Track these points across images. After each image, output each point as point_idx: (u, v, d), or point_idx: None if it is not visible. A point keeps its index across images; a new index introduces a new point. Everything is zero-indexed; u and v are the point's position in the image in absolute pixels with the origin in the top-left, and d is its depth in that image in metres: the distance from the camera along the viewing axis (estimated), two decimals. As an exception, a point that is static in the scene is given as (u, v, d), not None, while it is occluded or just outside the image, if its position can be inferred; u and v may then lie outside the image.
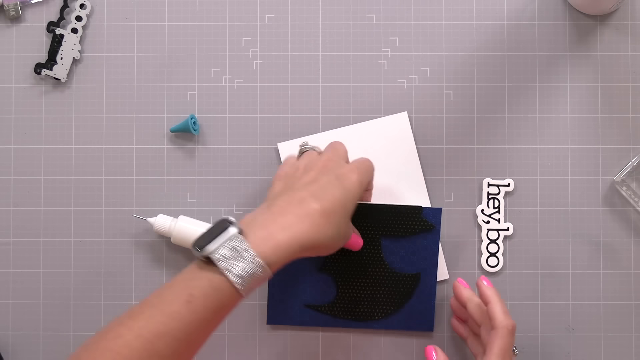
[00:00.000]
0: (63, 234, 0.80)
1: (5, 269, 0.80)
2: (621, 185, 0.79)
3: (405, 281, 0.75)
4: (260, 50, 0.81)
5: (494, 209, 0.79)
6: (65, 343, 0.79)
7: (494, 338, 0.67)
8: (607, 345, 0.78)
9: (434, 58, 0.80)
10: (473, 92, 0.80)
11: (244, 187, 0.80)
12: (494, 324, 0.67)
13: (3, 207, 0.80)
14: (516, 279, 0.79)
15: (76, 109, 0.81)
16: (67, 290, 0.79)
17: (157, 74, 0.81)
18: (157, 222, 0.77)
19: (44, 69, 0.80)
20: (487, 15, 0.81)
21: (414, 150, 0.79)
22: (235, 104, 0.80)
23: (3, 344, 0.79)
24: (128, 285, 0.79)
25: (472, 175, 0.80)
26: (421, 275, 0.75)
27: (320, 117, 0.80)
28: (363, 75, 0.80)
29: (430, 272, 0.75)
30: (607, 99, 0.80)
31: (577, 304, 0.79)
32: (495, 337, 0.67)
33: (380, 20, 0.81)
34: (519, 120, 0.80)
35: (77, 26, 0.80)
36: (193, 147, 0.80)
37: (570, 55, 0.80)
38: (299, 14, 0.81)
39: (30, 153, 0.80)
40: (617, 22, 0.80)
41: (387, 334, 0.78)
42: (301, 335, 0.79)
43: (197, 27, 0.81)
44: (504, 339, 0.66)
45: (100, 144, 0.80)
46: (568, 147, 0.80)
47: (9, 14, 0.80)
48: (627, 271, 0.79)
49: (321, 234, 0.62)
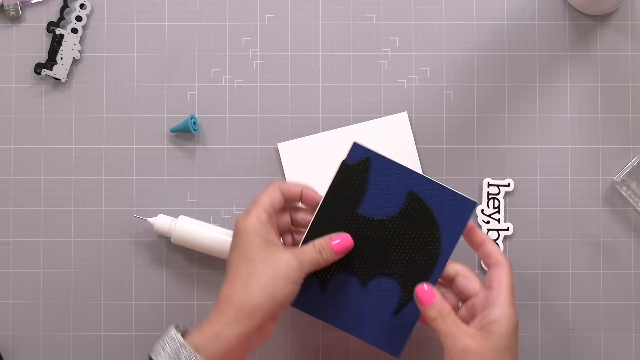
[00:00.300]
0: (63, 234, 0.80)
1: (5, 269, 0.80)
2: (621, 185, 0.79)
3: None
4: (260, 50, 0.81)
5: (494, 209, 0.79)
6: (65, 343, 0.79)
7: (500, 273, 0.66)
8: (607, 345, 0.78)
9: (434, 58, 0.80)
10: (473, 92, 0.80)
11: (244, 187, 0.80)
12: (496, 260, 0.66)
13: (3, 207, 0.80)
14: (516, 279, 0.78)
15: (76, 109, 0.81)
16: (67, 290, 0.79)
17: (157, 74, 0.81)
18: (157, 222, 0.77)
19: (44, 69, 0.80)
20: (487, 15, 0.81)
21: (414, 150, 0.79)
22: (235, 104, 0.80)
23: (3, 344, 0.79)
24: (128, 285, 0.79)
25: (472, 175, 0.80)
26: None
27: (320, 117, 0.80)
28: (363, 75, 0.80)
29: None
30: (607, 99, 0.80)
31: (577, 304, 0.79)
32: (501, 272, 0.66)
33: (380, 20, 0.81)
34: (519, 120, 0.80)
35: (77, 26, 0.80)
36: (193, 147, 0.80)
37: (570, 55, 0.80)
38: (299, 14, 0.81)
39: (30, 153, 0.80)
40: (617, 22, 0.80)
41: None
42: (301, 336, 0.79)
43: (197, 27, 0.81)
44: (509, 272, 0.66)
45: (100, 144, 0.80)
46: (568, 147, 0.80)
47: (9, 14, 0.80)
48: (627, 271, 0.79)
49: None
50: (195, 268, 0.79)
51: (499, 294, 0.65)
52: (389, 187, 0.69)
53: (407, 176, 0.69)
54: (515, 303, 0.65)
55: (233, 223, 0.79)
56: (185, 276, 0.79)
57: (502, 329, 0.63)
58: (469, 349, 0.62)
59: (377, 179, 0.69)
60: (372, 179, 0.69)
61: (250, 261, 0.64)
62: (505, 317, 0.63)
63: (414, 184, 0.69)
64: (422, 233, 0.68)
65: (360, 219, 0.69)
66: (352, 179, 0.69)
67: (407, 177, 0.69)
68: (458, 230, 0.68)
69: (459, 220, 0.68)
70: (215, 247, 0.76)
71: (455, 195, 0.68)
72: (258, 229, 0.65)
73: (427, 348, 0.78)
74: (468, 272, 0.68)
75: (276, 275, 0.64)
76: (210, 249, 0.77)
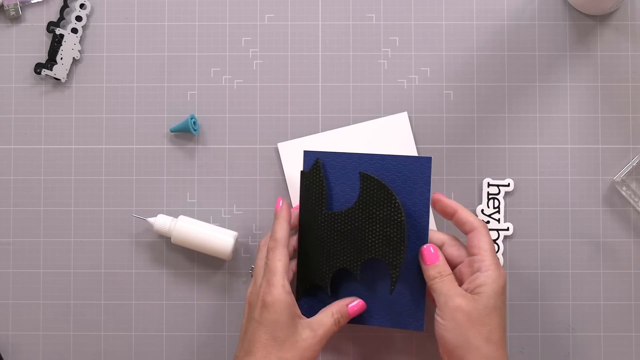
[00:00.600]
0: (63, 234, 0.80)
1: (5, 269, 0.80)
2: (621, 185, 0.79)
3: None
4: (260, 50, 0.81)
5: (494, 209, 0.79)
6: (65, 343, 0.79)
7: (478, 237, 0.69)
8: (607, 345, 0.78)
9: (434, 58, 0.80)
10: (473, 92, 0.80)
11: (244, 187, 0.80)
12: (472, 226, 0.69)
13: (3, 207, 0.80)
14: (516, 279, 0.79)
15: (76, 109, 0.81)
16: (67, 290, 0.79)
17: (157, 74, 0.81)
18: (157, 222, 0.77)
19: (44, 69, 0.80)
20: (487, 15, 0.81)
21: (414, 150, 0.79)
22: (235, 104, 0.80)
23: (3, 344, 0.79)
24: (128, 285, 0.79)
25: (472, 175, 0.80)
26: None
27: (320, 117, 0.80)
28: (363, 75, 0.80)
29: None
30: (607, 99, 0.80)
31: (577, 304, 0.79)
32: (480, 236, 0.69)
33: (380, 20, 0.81)
34: (519, 120, 0.80)
35: (77, 26, 0.80)
36: (193, 147, 0.80)
37: (570, 55, 0.80)
38: (299, 14, 0.81)
39: (30, 153, 0.80)
40: (617, 22, 0.80)
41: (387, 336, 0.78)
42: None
43: (197, 27, 0.81)
44: (487, 235, 0.69)
45: (100, 144, 0.80)
46: (568, 147, 0.80)
47: (9, 14, 0.80)
48: (627, 271, 0.79)
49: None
50: (195, 268, 0.79)
51: (482, 258, 0.68)
52: (348, 177, 0.72)
53: (359, 161, 0.72)
54: (499, 263, 0.68)
55: (233, 223, 0.79)
56: (185, 276, 0.79)
57: (489, 291, 0.66)
58: (459, 308, 0.66)
59: (333, 175, 0.73)
60: (329, 177, 0.73)
61: (279, 343, 0.66)
62: (491, 279, 0.67)
63: (366, 166, 0.72)
64: (383, 207, 0.70)
65: (331, 216, 0.72)
66: (312, 184, 0.72)
67: (359, 161, 0.72)
68: (425, 189, 0.71)
69: (422, 179, 0.71)
70: (215, 247, 0.76)
71: (408, 159, 0.71)
72: (286, 304, 0.67)
73: (426, 348, 0.78)
74: (453, 241, 0.72)
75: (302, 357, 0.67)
76: (210, 249, 0.77)
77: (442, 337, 0.66)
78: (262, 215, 0.79)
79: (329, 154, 0.73)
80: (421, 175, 0.71)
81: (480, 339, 0.65)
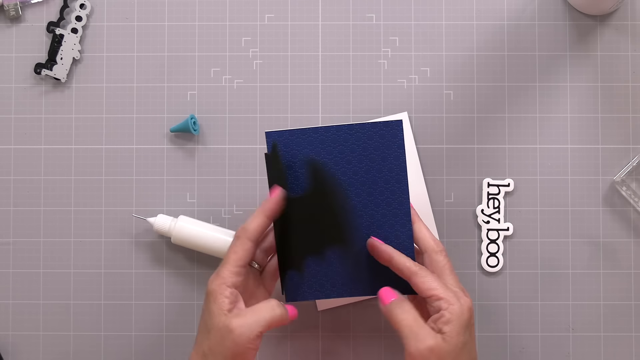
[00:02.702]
0: (63, 234, 0.80)
1: (5, 269, 0.80)
2: (621, 185, 0.79)
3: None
4: (260, 50, 0.81)
5: (494, 209, 0.79)
6: (65, 343, 0.79)
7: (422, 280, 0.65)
8: (607, 345, 0.78)
9: (434, 58, 0.80)
10: (473, 92, 0.80)
11: (244, 187, 0.80)
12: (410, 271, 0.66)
13: (3, 207, 0.80)
14: (516, 279, 0.79)
15: (76, 109, 0.81)
16: (67, 290, 0.79)
17: (157, 74, 0.81)
18: (157, 222, 0.77)
19: (44, 69, 0.80)
20: (487, 15, 0.81)
21: (414, 150, 0.79)
22: (235, 104, 0.80)
23: (3, 344, 0.79)
24: (128, 285, 0.79)
25: (472, 175, 0.80)
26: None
27: (320, 117, 0.80)
28: (363, 75, 0.80)
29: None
30: (607, 99, 0.80)
31: (577, 304, 0.79)
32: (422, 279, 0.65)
33: (380, 20, 0.81)
34: (519, 120, 0.80)
35: (77, 26, 0.80)
36: (193, 147, 0.80)
37: (570, 55, 0.80)
38: (299, 14, 0.81)
39: (30, 153, 0.80)
40: (617, 22, 0.80)
41: (386, 336, 0.78)
42: (301, 336, 0.79)
43: (197, 27, 0.81)
44: (429, 274, 0.65)
45: (100, 144, 0.80)
46: (568, 147, 0.80)
47: (9, 14, 0.80)
48: (627, 271, 0.79)
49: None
50: (195, 268, 0.79)
51: (438, 296, 0.64)
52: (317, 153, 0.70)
53: (326, 134, 0.70)
54: (458, 292, 0.65)
55: (233, 223, 0.79)
56: (185, 276, 0.79)
57: (456, 328, 0.63)
58: (431, 351, 0.62)
59: (300, 153, 0.70)
60: (295, 156, 0.70)
61: (207, 330, 0.66)
62: (455, 315, 0.63)
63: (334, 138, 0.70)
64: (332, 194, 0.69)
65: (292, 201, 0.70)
66: (274, 168, 0.70)
67: (325, 134, 0.70)
68: (399, 152, 0.69)
69: (395, 143, 0.69)
70: (215, 247, 0.76)
71: (377, 125, 0.69)
72: (219, 294, 0.66)
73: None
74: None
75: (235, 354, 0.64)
76: (210, 249, 0.77)
77: None
78: (262, 215, 0.79)
79: (293, 132, 0.70)
80: (393, 139, 0.69)
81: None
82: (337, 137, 0.70)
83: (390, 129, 0.69)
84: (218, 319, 0.65)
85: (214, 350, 0.65)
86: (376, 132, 0.69)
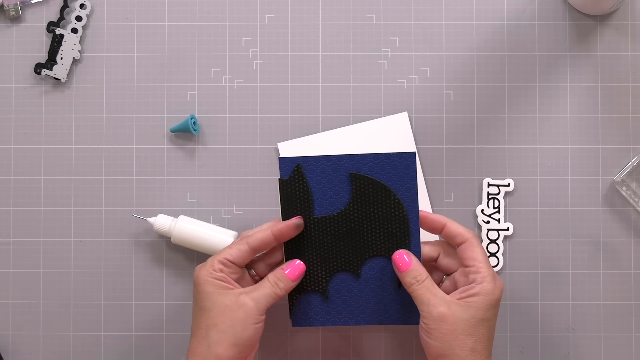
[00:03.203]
0: (63, 234, 0.80)
1: (5, 269, 0.80)
2: (621, 185, 0.79)
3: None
4: (260, 50, 0.81)
5: (494, 209, 0.79)
6: (65, 343, 0.79)
7: (471, 248, 0.67)
8: (607, 345, 0.78)
9: (434, 58, 0.80)
10: (473, 92, 0.80)
11: (244, 187, 0.80)
12: (463, 238, 0.68)
13: (3, 207, 0.80)
14: (516, 279, 0.79)
15: (76, 109, 0.81)
16: (67, 290, 0.80)
17: (157, 74, 0.81)
18: (157, 222, 0.77)
19: (44, 69, 0.80)
20: (487, 15, 0.81)
21: (414, 150, 0.79)
22: (235, 104, 0.80)
23: (3, 344, 0.79)
24: (128, 285, 0.79)
25: (472, 175, 0.80)
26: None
27: (320, 117, 0.80)
28: (363, 75, 0.80)
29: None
30: (607, 99, 0.80)
31: (577, 304, 0.79)
32: (472, 247, 0.68)
33: (380, 20, 0.81)
34: (519, 120, 0.80)
35: (77, 26, 0.80)
36: (193, 147, 0.80)
37: (570, 55, 0.80)
38: (299, 14, 0.81)
39: (30, 153, 0.80)
40: (617, 22, 0.80)
41: (386, 335, 0.78)
42: (301, 336, 0.79)
43: (197, 27, 0.81)
44: (480, 245, 0.68)
45: (100, 144, 0.80)
46: (568, 147, 0.80)
47: (9, 14, 0.80)
48: (627, 271, 0.79)
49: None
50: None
51: (477, 270, 0.67)
52: (330, 180, 0.71)
53: (340, 162, 0.70)
54: (495, 274, 0.67)
55: (233, 223, 0.79)
56: (185, 276, 0.79)
57: (481, 302, 0.65)
58: (442, 318, 0.65)
59: (316, 179, 0.71)
60: (311, 181, 0.71)
61: (207, 312, 0.66)
62: (485, 291, 0.66)
63: (349, 166, 0.70)
64: (382, 204, 0.70)
65: (322, 221, 0.71)
66: (295, 191, 0.71)
67: (340, 163, 0.70)
68: (411, 185, 0.70)
69: (407, 175, 0.70)
70: (215, 247, 0.76)
71: (391, 156, 0.70)
72: (209, 277, 0.67)
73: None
74: (449, 249, 0.71)
75: (234, 322, 0.65)
76: (210, 249, 0.77)
77: (426, 343, 0.66)
78: (262, 215, 0.80)
79: (307, 159, 0.70)
80: (406, 171, 0.70)
81: (464, 349, 0.64)
82: (350, 165, 0.70)
83: (403, 160, 0.70)
84: (223, 297, 0.66)
85: (219, 327, 0.65)
86: (389, 162, 0.70)
